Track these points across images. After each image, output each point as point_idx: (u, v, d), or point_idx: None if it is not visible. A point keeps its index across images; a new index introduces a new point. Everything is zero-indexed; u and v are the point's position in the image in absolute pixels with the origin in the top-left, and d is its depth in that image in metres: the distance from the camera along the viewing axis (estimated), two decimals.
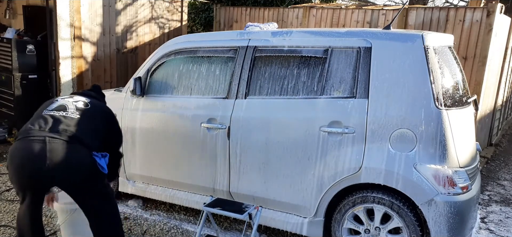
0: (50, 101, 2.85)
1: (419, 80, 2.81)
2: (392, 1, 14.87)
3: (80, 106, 2.78)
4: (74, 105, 2.77)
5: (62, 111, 2.69)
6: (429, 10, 6.01)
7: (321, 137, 3.05)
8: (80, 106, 2.78)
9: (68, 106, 2.75)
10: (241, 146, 3.34)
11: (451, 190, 2.77)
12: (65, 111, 2.70)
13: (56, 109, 2.71)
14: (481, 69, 5.58)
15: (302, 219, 3.25)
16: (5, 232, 3.56)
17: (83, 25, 5.90)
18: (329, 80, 3.07)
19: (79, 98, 2.88)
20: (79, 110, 2.75)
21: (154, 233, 3.66)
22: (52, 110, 2.71)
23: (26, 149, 2.50)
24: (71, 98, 2.88)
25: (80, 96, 2.93)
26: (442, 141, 2.77)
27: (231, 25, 7.97)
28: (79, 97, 2.90)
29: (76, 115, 2.69)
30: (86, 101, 2.87)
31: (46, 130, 2.56)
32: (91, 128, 2.74)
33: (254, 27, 3.68)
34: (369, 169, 2.91)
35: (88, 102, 2.85)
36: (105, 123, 2.89)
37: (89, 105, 2.83)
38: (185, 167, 3.66)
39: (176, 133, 3.63)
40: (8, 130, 6.17)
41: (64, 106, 2.74)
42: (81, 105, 2.79)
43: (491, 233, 3.98)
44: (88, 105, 2.82)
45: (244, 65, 3.37)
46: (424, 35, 2.87)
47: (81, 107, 2.78)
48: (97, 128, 2.80)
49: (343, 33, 3.12)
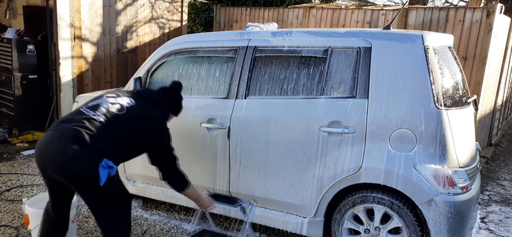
0: (94, 97, 2.83)
1: (419, 81, 2.81)
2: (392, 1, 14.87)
3: (112, 110, 2.69)
4: (107, 108, 2.69)
5: (92, 111, 2.66)
6: (429, 10, 6.01)
7: (321, 137, 3.05)
8: (112, 110, 2.69)
9: (101, 108, 2.69)
10: (241, 146, 3.34)
11: (451, 190, 2.77)
12: (95, 111, 2.66)
13: (90, 108, 2.70)
14: (481, 69, 5.58)
15: (302, 219, 3.25)
16: (5, 232, 3.57)
17: (83, 25, 5.91)
18: (329, 81, 3.08)
19: (121, 101, 2.77)
20: (109, 114, 2.67)
21: (154, 233, 3.67)
22: (87, 108, 2.71)
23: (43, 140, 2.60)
24: (114, 98, 2.79)
25: (126, 98, 2.82)
26: (442, 141, 2.77)
27: (231, 25, 7.97)
28: (123, 99, 2.80)
29: (101, 119, 2.62)
30: (126, 105, 2.75)
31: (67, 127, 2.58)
32: (113, 135, 2.63)
33: (254, 27, 3.68)
34: (369, 169, 2.91)
35: (125, 107, 2.74)
36: (136, 132, 2.75)
37: (124, 110, 2.72)
38: (185, 167, 3.65)
39: (176, 133, 3.62)
40: (8, 130, 6.17)
41: (97, 106, 2.70)
42: (114, 110, 2.70)
43: (491, 233, 3.99)
44: (122, 110, 2.72)
45: (244, 66, 3.38)
46: (424, 35, 2.87)
47: (113, 111, 2.69)
48: (122, 136, 2.69)
49: (343, 33, 3.12)
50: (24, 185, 4.57)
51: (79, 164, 2.49)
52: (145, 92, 3.03)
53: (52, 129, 2.63)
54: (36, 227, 3.15)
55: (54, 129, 2.62)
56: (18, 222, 3.74)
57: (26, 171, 5.00)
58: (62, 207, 2.85)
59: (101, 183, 2.48)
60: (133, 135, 2.75)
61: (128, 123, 2.73)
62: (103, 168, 2.51)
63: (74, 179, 2.53)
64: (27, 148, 5.86)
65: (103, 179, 2.49)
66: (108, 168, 2.53)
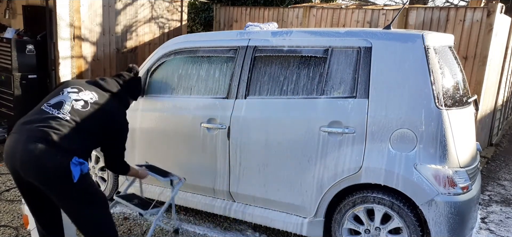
0: (55, 93, 2.77)
1: (419, 80, 2.81)
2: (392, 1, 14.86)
3: (77, 107, 2.67)
4: (71, 106, 2.66)
5: (57, 109, 2.61)
6: (429, 10, 6.00)
7: (321, 137, 3.04)
8: (77, 108, 2.66)
9: (65, 105, 2.65)
10: (241, 146, 3.33)
11: (451, 190, 2.76)
12: (59, 109, 2.61)
13: (53, 106, 2.64)
14: (482, 69, 5.57)
15: (302, 219, 3.24)
16: (5, 232, 3.56)
17: (82, 25, 5.90)
18: (329, 80, 3.07)
19: (83, 96, 2.75)
20: (74, 111, 2.64)
21: (154, 233, 3.66)
22: (49, 106, 2.65)
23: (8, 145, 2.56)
24: (76, 93, 2.75)
25: (88, 92, 2.79)
26: (443, 141, 2.76)
27: (231, 25, 7.97)
28: (85, 94, 2.77)
29: (67, 117, 2.59)
30: (89, 100, 2.74)
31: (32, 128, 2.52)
32: (80, 132, 2.61)
33: (254, 27, 3.67)
34: (369, 169, 2.90)
35: (89, 103, 2.73)
36: (101, 129, 2.76)
37: (88, 106, 2.71)
38: (185, 167, 3.66)
39: (176, 133, 3.63)
40: (7, 130, 6.17)
41: (61, 103, 2.66)
42: (78, 107, 2.67)
43: (491, 233, 3.98)
44: (86, 106, 2.70)
45: (244, 65, 3.37)
46: (424, 35, 2.87)
47: (77, 109, 2.66)
48: (89, 132, 2.69)
49: (343, 33, 3.11)
50: None
51: (50, 164, 2.44)
52: (105, 83, 2.96)
53: (15, 131, 2.57)
54: (35, 227, 3.14)
55: (18, 131, 2.56)
56: (18, 222, 3.73)
57: None
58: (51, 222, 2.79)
59: (74, 179, 2.46)
60: (98, 130, 2.75)
61: (93, 119, 2.72)
62: (75, 165, 2.48)
63: (47, 180, 2.48)
64: None
65: (76, 176, 2.46)
66: (80, 165, 2.50)
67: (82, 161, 2.52)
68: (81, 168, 2.50)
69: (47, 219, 2.81)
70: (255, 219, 3.43)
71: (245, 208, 3.46)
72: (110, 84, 2.98)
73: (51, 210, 2.77)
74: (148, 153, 3.78)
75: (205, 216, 4.02)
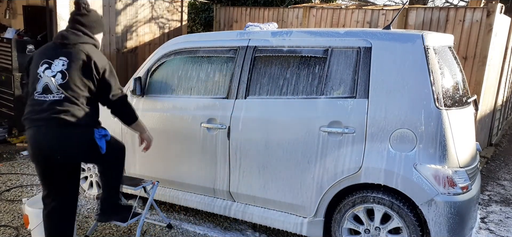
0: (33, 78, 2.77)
1: (419, 81, 2.81)
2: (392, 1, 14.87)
3: (60, 82, 2.69)
4: (55, 84, 2.69)
5: (49, 94, 2.68)
6: (429, 10, 6.01)
7: (321, 137, 3.05)
8: (60, 82, 2.69)
9: (50, 86, 2.69)
10: (241, 146, 3.33)
11: (451, 190, 2.77)
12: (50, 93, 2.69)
13: (44, 93, 2.70)
14: (481, 69, 5.58)
15: (302, 219, 3.24)
16: (5, 232, 3.56)
17: None
18: (329, 81, 3.07)
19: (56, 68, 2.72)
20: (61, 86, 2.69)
21: (154, 233, 3.66)
22: (40, 94, 2.70)
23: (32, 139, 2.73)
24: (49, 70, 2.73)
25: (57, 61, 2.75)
26: (442, 141, 2.77)
27: (231, 25, 7.97)
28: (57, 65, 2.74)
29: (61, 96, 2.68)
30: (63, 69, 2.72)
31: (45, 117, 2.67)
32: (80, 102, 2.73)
33: (254, 27, 3.68)
34: (369, 169, 2.91)
35: (64, 70, 2.71)
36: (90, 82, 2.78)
37: (67, 74, 2.71)
38: (185, 167, 3.66)
39: (176, 133, 3.63)
40: (8, 130, 6.17)
41: (46, 87, 2.70)
42: (60, 81, 2.70)
43: (491, 233, 3.98)
44: (66, 76, 2.70)
45: (244, 66, 3.37)
46: (424, 35, 2.87)
47: (62, 83, 2.69)
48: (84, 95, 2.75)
49: (343, 33, 3.12)
50: (24, 185, 4.57)
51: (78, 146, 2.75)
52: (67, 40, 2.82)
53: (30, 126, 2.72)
54: (36, 227, 3.15)
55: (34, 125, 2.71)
56: (18, 222, 3.73)
57: (26, 171, 5.00)
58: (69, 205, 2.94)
59: (103, 151, 2.81)
60: (90, 86, 2.78)
61: (78, 81, 2.73)
62: (99, 138, 2.79)
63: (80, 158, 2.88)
64: (27, 147, 5.85)
65: (104, 147, 2.82)
66: (103, 137, 2.83)
67: (104, 132, 2.85)
68: (105, 139, 2.84)
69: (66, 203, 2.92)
70: (255, 219, 3.44)
71: (245, 208, 3.47)
72: (70, 38, 2.83)
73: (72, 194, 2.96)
74: (148, 153, 3.78)
75: (205, 216, 4.02)
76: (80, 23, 2.87)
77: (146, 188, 3.55)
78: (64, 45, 2.80)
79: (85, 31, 2.87)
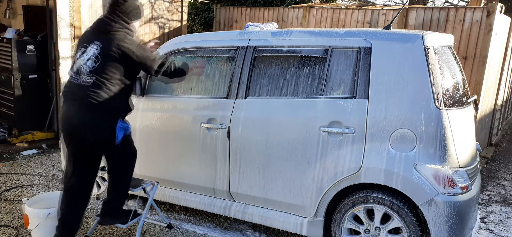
0: (73, 59, 3.04)
1: (419, 81, 2.81)
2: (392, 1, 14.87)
3: (92, 67, 2.89)
4: (87, 68, 2.90)
5: (82, 77, 2.91)
6: (429, 10, 6.01)
7: (321, 137, 3.05)
8: (93, 67, 2.89)
9: (83, 70, 2.91)
10: (241, 146, 3.33)
11: (451, 190, 2.77)
12: (82, 77, 2.91)
13: (77, 74, 2.94)
14: (481, 69, 5.58)
15: (302, 219, 3.24)
16: (5, 232, 3.56)
17: (83, 25, 5.90)
18: (329, 81, 3.07)
19: (90, 52, 2.92)
20: (94, 72, 2.89)
21: (154, 233, 3.66)
22: (75, 75, 2.95)
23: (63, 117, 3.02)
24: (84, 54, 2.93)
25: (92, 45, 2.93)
26: (442, 141, 2.77)
27: (231, 25, 7.97)
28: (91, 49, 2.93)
29: (91, 80, 2.89)
30: (96, 53, 2.90)
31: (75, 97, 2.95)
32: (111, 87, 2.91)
33: (254, 27, 3.68)
34: (369, 169, 2.91)
35: (97, 55, 2.90)
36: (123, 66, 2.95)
37: (99, 59, 2.90)
38: (185, 167, 3.66)
39: (176, 133, 3.63)
40: (8, 130, 6.17)
41: (80, 70, 2.93)
42: (92, 65, 2.89)
43: (491, 233, 3.98)
44: (98, 60, 2.89)
45: (244, 66, 3.37)
46: (424, 35, 2.87)
47: (94, 68, 2.89)
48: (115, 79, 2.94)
49: (343, 33, 3.12)
50: (24, 185, 4.57)
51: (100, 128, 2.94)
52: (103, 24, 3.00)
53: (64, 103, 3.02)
54: (36, 227, 3.15)
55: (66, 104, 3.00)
56: (18, 222, 3.73)
57: (26, 171, 5.00)
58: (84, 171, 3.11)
59: (117, 141, 2.99)
60: (122, 70, 2.95)
61: (110, 66, 2.91)
62: (120, 128, 3.00)
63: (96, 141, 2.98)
64: (27, 148, 5.86)
65: (119, 138, 3.00)
66: (124, 129, 3.04)
67: (125, 126, 3.06)
68: (124, 131, 3.04)
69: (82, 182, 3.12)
70: (255, 219, 3.44)
71: (245, 208, 3.47)
72: (105, 24, 2.98)
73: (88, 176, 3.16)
74: (148, 153, 3.78)
75: (205, 215, 4.02)
76: (117, 10, 3.01)
77: (145, 188, 3.55)
78: (99, 31, 2.99)
79: (122, 18, 3.00)
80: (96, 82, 2.88)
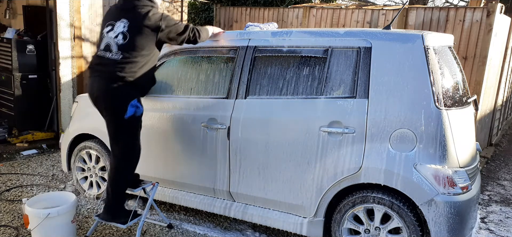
0: (100, 36, 3.22)
1: (419, 81, 2.81)
2: (392, 1, 14.87)
3: (120, 42, 3.06)
4: (116, 44, 3.07)
5: (109, 52, 3.09)
6: (429, 10, 6.01)
7: (321, 137, 3.05)
8: (121, 43, 3.06)
9: (111, 47, 3.08)
10: (241, 145, 3.33)
11: (451, 190, 2.77)
12: (110, 52, 3.08)
13: (105, 50, 3.12)
14: (481, 69, 5.58)
15: (302, 219, 3.24)
16: (5, 232, 3.56)
17: (83, 25, 5.90)
18: (329, 81, 3.07)
19: (118, 30, 3.09)
20: (121, 48, 3.05)
21: (154, 233, 3.66)
22: (102, 50, 3.13)
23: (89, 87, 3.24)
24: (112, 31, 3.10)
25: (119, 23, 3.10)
26: (442, 141, 2.77)
27: (231, 25, 7.97)
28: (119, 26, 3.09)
29: (119, 56, 3.06)
30: (124, 30, 3.07)
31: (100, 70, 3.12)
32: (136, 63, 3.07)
33: (254, 27, 3.68)
34: (369, 169, 2.91)
35: (125, 32, 3.07)
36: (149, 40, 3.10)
37: (127, 35, 3.06)
38: (185, 167, 3.66)
39: (176, 132, 3.63)
40: (8, 130, 6.17)
41: (108, 46, 3.10)
42: (121, 41, 3.06)
43: (491, 233, 3.98)
44: (126, 37, 3.06)
45: (244, 66, 3.37)
46: (424, 35, 2.87)
47: (122, 44, 3.06)
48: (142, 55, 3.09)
49: (343, 33, 3.12)
50: (24, 185, 4.57)
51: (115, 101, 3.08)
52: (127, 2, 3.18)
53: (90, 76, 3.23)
54: (36, 227, 3.15)
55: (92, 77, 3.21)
56: (18, 222, 3.73)
57: (26, 171, 5.00)
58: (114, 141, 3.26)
59: (126, 116, 3.09)
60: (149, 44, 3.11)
61: (138, 41, 3.07)
62: (132, 106, 3.10)
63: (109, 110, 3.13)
64: (27, 148, 5.86)
65: (128, 114, 3.09)
66: (136, 108, 3.14)
67: (138, 105, 3.17)
68: (135, 110, 3.14)
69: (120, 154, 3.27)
70: (255, 219, 3.44)
71: (245, 208, 3.47)
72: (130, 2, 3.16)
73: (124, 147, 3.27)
74: (148, 153, 3.78)
75: (205, 216, 4.02)
76: None
77: (145, 189, 3.55)
78: (125, 9, 3.15)
79: None
80: (125, 58, 3.04)
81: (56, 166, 5.22)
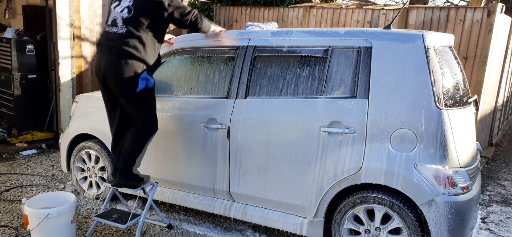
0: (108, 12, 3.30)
1: (419, 80, 2.80)
2: (393, 1, 14.87)
3: (125, 16, 3.14)
4: (121, 18, 3.15)
5: (115, 27, 3.17)
6: (429, 10, 6.00)
7: (322, 137, 3.04)
8: (126, 17, 3.14)
9: (117, 21, 3.17)
10: (241, 146, 3.33)
11: (451, 190, 2.76)
12: (116, 26, 3.16)
13: (112, 25, 3.20)
14: (482, 69, 5.57)
15: (302, 220, 3.24)
16: (5, 232, 3.56)
17: (82, 25, 5.90)
18: (329, 80, 3.06)
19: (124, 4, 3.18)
20: (126, 22, 3.13)
21: (154, 233, 3.66)
22: (110, 26, 3.22)
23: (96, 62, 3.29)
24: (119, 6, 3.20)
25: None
26: (443, 141, 2.76)
27: (231, 25, 7.96)
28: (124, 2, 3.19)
29: (124, 30, 3.12)
30: (130, 4, 3.16)
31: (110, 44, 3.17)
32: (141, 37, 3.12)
33: (254, 27, 3.67)
34: (369, 169, 2.90)
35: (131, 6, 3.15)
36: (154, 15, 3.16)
37: (132, 9, 3.14)
38: (185, 167, 3.65)
39: (176, 133, 3.62)
40: (7, 130, 6.16)
41: (115, 20, 3.18)
42: (126, 15, 3.14)
43: (491, 233, 3.97)
44: (131, 11, 3.14)
45: (244, 65, 3.36)
46: (424, 35, 2.86)
47: (127, 18, 3.13)
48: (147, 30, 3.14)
49: (343, 33, 3.11)
50: (23, 185, 4.56)
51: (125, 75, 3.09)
52: None
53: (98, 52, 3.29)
54: (35, 227, 3.14)
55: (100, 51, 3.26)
56: (18, 222, 3.73)
57: (25, 171, 4.99)
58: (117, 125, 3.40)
59: (137, 89, 3.14)
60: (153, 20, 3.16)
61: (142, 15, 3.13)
62: (142, 79, 3.14)
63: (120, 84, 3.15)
64: (26, 148, 5.85)
65: (140, 87, 3.14)
66: (146, 80, 3.18)
67: (148, 77, 3.20)
68: (146, 83, 3.18)
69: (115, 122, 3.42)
70: (255, 220, 3.43)
71: (245, 208, 3.46)
72: None
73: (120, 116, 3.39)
74: (148, 153, 3.77)
75: (205, 216, 4.02)
76: None
77: (145, 189, 3.54)
78: None
79: None
80: (129, 32, 3.10)
81: (56, 166, 5.22)
